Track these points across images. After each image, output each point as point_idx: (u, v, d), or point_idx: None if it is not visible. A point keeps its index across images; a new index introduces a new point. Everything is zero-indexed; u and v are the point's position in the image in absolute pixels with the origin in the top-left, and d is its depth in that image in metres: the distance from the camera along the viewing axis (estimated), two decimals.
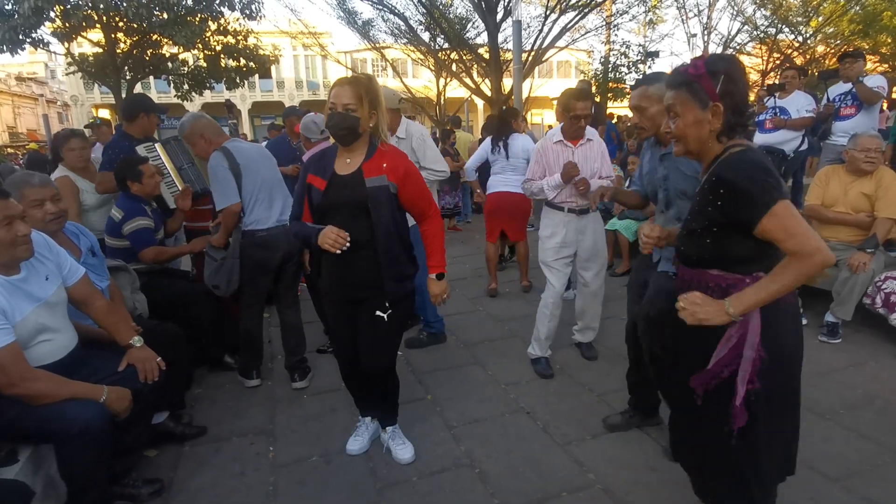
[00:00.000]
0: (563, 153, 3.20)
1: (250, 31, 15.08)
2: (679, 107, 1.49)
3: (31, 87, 38.08)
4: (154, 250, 3.07)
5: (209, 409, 2.98)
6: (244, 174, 2.93)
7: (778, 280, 1.38)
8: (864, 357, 3.32)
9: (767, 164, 1.40)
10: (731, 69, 1.43)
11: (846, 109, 5.11)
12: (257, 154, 3.11)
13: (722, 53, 1.56)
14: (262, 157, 3.13)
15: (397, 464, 2.44)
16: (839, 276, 3.52)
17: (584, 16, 13.42)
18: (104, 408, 1.91)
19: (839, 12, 16.11)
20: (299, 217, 2.26)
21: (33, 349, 1.92)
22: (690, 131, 1.48)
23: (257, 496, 2.28)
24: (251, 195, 2.96)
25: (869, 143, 3.51)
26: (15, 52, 11.93)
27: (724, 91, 1.42)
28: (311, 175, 2.19)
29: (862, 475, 2.23)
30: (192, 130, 3.06)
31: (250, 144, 3.21)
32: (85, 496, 1.93)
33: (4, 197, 1.82)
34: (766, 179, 1.36)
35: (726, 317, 1.42)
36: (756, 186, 1.36)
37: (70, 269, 2.13)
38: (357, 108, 2.05)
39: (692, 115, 1.46)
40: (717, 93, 1.42)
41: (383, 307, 2.23)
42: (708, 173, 1.48)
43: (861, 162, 3.51)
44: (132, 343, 2.19)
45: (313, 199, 2.18)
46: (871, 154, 3.49)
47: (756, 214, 1.35)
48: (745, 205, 1.37)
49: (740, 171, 1.39)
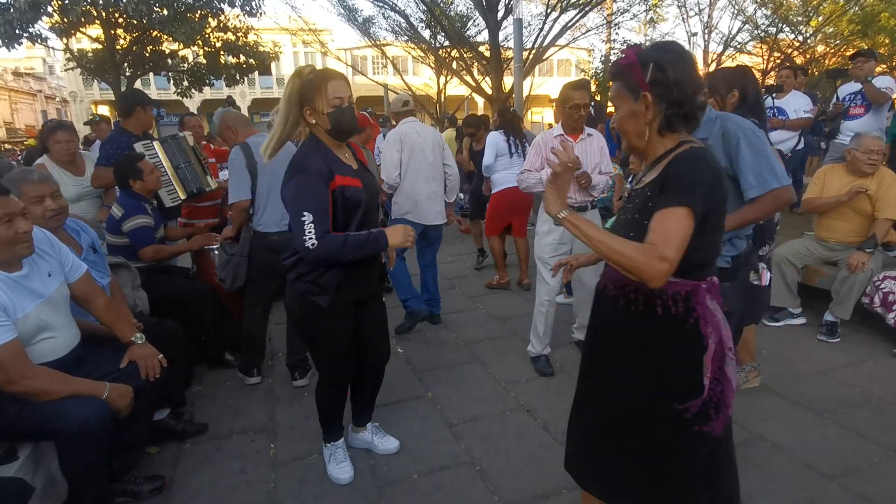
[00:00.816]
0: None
1: (250, 28, 15.06)
2: (616, 99, 1.42)
3: (29, 83, 37.95)
4: (153, 249, 3.07)
5: (209, 407, 2.99)
6: (260, 173, 2.93)
7: (617, 244, 1.29)
8: (862, 356, 3.33)
9: (712, 170, 1.31)
10: (662, 57, 1.32)
11: (855, 109, 5.12)
12: (280, 153, 3.06)
13: (661, 42, 1.44)
14: (285, 155, 3.07)
15: (398, 461, 2.45)
16: (838, 276, 3.54)
17: (585, 14, 13.42)
18: (106, 405, 1.91)
19: (838, 12, 16.11)
20: (328, 231, 1.94)
21: (35, 346, 1.92)
22: (627, 124, 1.41)
23: (258, 494, 2.28)
24: (264, 195, 2.94)
25: (872, 145, 3.51)
26: (11, 46, 11.88)
27: (654, 80, 1.31)
28: (340, 177, 2.00)
29: (858, 473, 2.25)
30: (220, 124, 3.11)
31: None
32: (85, 493, 1.93)
33: (4, 194, 1.82)
34: (697, 181, 1.27)
35: (555, 210, 1.41)
36: (683, 179, 1.28)
37: (72, 265, 2.13)
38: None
39: (626, 106, 1.39)
40: (647, 82, 1.32)
41: (381, 293, 2.31)
42: (657, 172, 1.36)
43: (863, 164, 3.52)
44: (134, 340, 2.20)
45: (354, 200, 2.01)
46: (873, 156, 3.50)
47: (668, 203, 1.27)
48: (666, 189, 1.29)
49: (686, 162, 1.31)
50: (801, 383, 3.03)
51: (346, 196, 1.99)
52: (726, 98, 2.55)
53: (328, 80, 1.97)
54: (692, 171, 1.29)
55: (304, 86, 1.98)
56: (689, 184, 1.27)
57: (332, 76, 1.99)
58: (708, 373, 1.34)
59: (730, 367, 1.36)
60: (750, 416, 2.69)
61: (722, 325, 1.36)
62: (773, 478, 2.24)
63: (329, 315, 2.09)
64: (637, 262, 1.24)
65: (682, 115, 1.34)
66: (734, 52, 18.11)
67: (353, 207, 2.02)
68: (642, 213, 1.35)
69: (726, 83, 2.55)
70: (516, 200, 4.72)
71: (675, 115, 1.34)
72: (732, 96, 2.53)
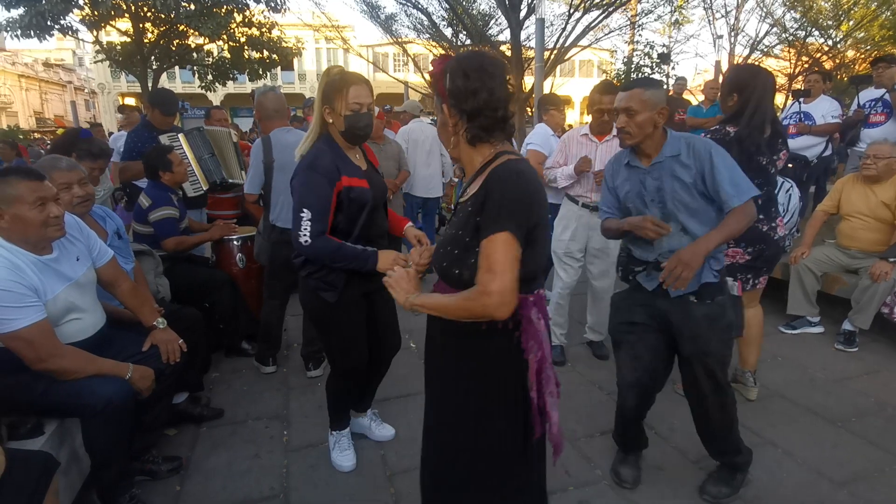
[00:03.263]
0: (587, 147, 3.24)
1: (274, 24, 15.24)
2: (434, 108, 1.40)
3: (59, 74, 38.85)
4: (175, 240, 3.16)
5: (226, 393, 3.07)
6: (276, 168, 2.99)
7: (453, 302, 1.29)
8: (879, 366, 3.30)
9: (528, 184, 1.27)
10: (460, 66, 1.28)
11: (876, 116, 5.01)
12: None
13: (471, 51, 1.41)
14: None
15: (407, 451, 2.49)
16: (859, 284, 3.49)
17: (609, 15, 13.31)
18: (129, 385, 1.99)
19: (870, 17, 15.77)
20: (324, 232, 2.01)
21: (63, 327, 1.99)
22: (441, 134, 1.40)
23: (271, 478, 2.35)
24: (281, 190, 2.99)
25: (874, 150, 3.54)
26: (42, 37, 12.20)
27: (450, 90, 1.29)
28: (347, 177, 2.04)
29: (868, 481, 2.24)
30: (256, 105, 3.17)
31: (297, 137, 3.03)
32: (107, 470, 2.01)
33: (39, 178, 1.90)
34: (512, 201, 1.23)
35: (404, 301, 1.40)
36: (497, 202, 1.23)
37: (100, 250, 2.21)
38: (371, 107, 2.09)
39: (439, 116, 1.37)
40: (447, 92, 1.30)
41: None
42: (477, 186, 1.31)
43: (862, 168, 3.59)
44: (156, 324, 2.27)
45: (360, 199, 2.06)
46: (868, 161, 3.54)
47: (486, 232, 1.22)
48: (484, 218, 1.24)
49: (498, 182, 1.25)
50: (815, 391, 3.00)
51: (351, 196, 2.04)
52: (726, 100, 2.51)
53: (351, 84, 2.01)
54: (504, 191, 1.24)
55: (329, 85, 2.03)
56: (504, 206, 1.22)
57: (354, 81, 2.03)
58: (533, 387, 1.34)
59: (548, 378, 1.35)
60: (762, 422, 2.68)
61: (544, 340, 1.34)
62: (782, 483, 2.24)
63: (339, 308, 2.14)
64: (473, 310, 1.24)
65: (481, 126, 1.30)
66: (761, 56, 17.83)
67: (359, 207, 2.07)
68: (465, 229, 1.31)
69: (729, 86, 2.49)
70: None
71: (474, 126, 1.30)
72: (731, 100, 2.48)
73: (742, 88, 2.45)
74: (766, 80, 2.47)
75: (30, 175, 1.88)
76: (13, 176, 1.86)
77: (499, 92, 1.28)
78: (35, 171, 1.93)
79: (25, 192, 1.84)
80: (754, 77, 2.46)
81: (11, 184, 1.83)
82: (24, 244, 1.89)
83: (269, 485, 2.30)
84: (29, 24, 11.65)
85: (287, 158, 2.97)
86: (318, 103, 2.07)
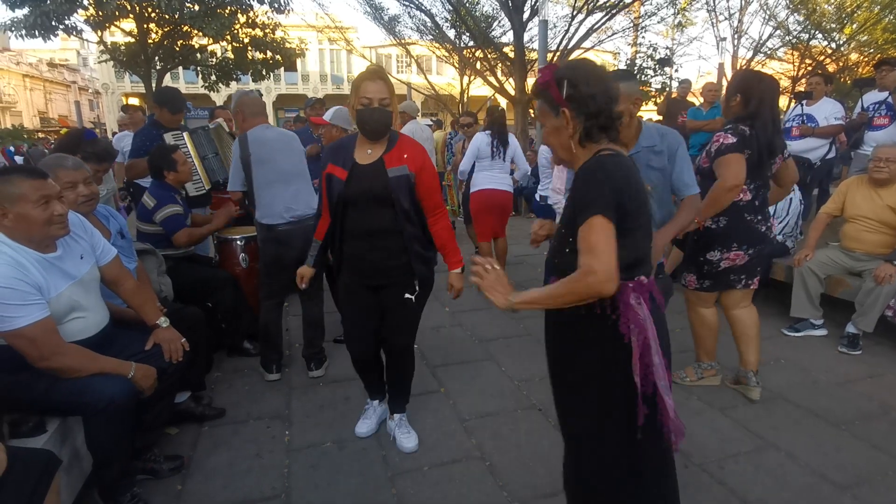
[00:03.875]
0: None
1: (278, 25, 15.24)
2: (540, 116, 1.49)
3: (63, 74, 38.97)
4: (186, 232, 3.18)
5: (228, 392, 3.07)
6: (255, 165, 2.99)
7: (557, 289, 1.35)
8: (883, 369, 3.28)
9: (614, 172, 1.35)
10: (572, 74, 1.39)
11: (879, 119, 5.00)
12: (281, 144, 3.08)
13: (572, 60, 1.54)
14: (285, 147, 3.10)
15: (408, 453, 2.49)
16: (863, 287, 3.48)
17: (612, 17, 13.30)
18: (131, 384, 1.99)
19: (873, 20, 15.73)
20: (321, 205, 2.31)
21: (66, 325, 2.00)
22: (552, 139, 1.48)
23: (272, 477, 2.34)
24: (261, 187, 3.00)
25: (882, 153, 3.54)
26: (47, 37, 12.20)
27: (569, 96, 1.39)
28: (332, 165, 2.20)
29: (871, 484, 2.23)
30: (235, 105, 3.18)
31: (277, 133, 3.17)
32: (109, 468, 2.01)
33: (43, 177, 1.90)
34: (599, 188, 1.32)
35: (505, 303, 1.42)
36: (586, 192, 1.33)
37: (103, 249, 2.21)
38: (390, 102, 2.10)
39: (550, 122, 1.47)
40: (564, 98, 1.40)
41: (411, 289, 2.32)
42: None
43: (871, 171, 3.57)
44: (159, 323, 2.27)
45: (334, 189, 2.19)
46: (880, 164, 3.52)
47: (581, 219, 1.32)
48: (577, 208, 1.35)
49: (585, 174, 1.37)
50: (818, 394, 2.99)
51: (330, 184, 2.22)
52: (730, 101, 2.60)
53: (363, 79, 2.10)
54: (588, 181, 1.35)
55: (353, 82, 2.15)
56: (592, 192, 1.32)
57: (367, 77, 2.11)
58: (637, 371, 1.36)
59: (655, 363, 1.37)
60: (765, 425, 2.67)
61: (647, 325, 1.37)
62: (785, 486, 2.23)
63: (343, 291, 2.41)
64: (578, 290, 1.30)
65: (599, 125, 1.40)
66: (764, 59, 17.80)
67: (331, 195, 2.21)
68: (563, 222, 1.44)
69: (735, 87, 2.62)
70: (495, 201, 4.76)
71: (594, 126, 1.40)
72: (734, 100, 2.58)
73: (746, 90, 2.55)
74: (772, 84, 2.59)
75: (33, 174, 1.89)
76: (16, 174, 1.86)
77: (611, 93, 1.40)
78: (38, 170, 1.93)
79: (29, 190, 1.84)
80: (759, 81, 2.58)
81: (15, 182, 1.84)
82: (28, 242, 1.89)
83: (270, 485, 2.30)
84: (34, 24, 11.67)
85: (265, 153, 2.99)
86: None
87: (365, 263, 2.28)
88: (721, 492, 2.20)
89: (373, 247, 2.23)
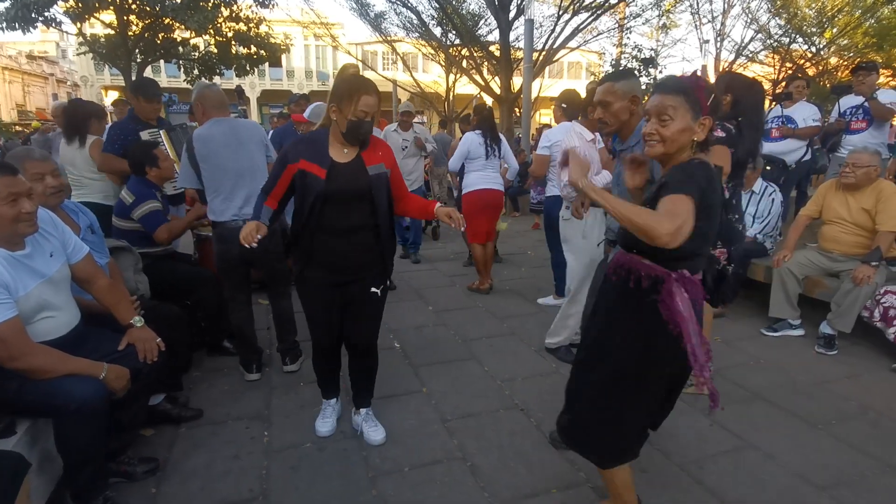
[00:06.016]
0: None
1: (262, 19, 15.05)
2: (673, 111, 1.55)
3: (42, 66, 38.11)
4: (166, 228, 3.13)
5: (207, 392, 3.01)
6: (201, 162, 2.94)
7: (630, 208, 1.47)
8: (861, 369, 3.33)
9: (707, 174, 1.51)
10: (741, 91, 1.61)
11: (857, 123, 5.08)
12: (229, 140, 2.95)
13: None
14: (234, 143, 2.96)
15: (390, 454, 2.47)
16: (841, 288, 3.52)
17: (597, 17, 13.39)
18: (103, 385, 1.93)
19: (854, 24, 16.02)
20: (269, 192, 2.26)
21: (36, 325, 1.94)
22: (678, 136, 1.56)
23: (250, 479, 2.30)
24: (208, 185, 2.98)
25: (852, 158, 3.61)
26: (27, 30, 11.93)
27: (712, 108, 1.54)
28: (306, 162, 2.18)
29: (850, 485, 2.25)
30: (195, 98, 3.12)
31: (227, 128, 2.98)
32: (81, 471, 1.96)
33: (12, 173, 1.84)
34: (695, 179, 1.47)
35: (580, 183, 1.62)
36: (684, 179, 1.48)
37: (74, 247, 2.15)
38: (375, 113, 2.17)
39: (684, 121, 1.55)
40: (708, 108, 1.52)
41: (379, 284, 2.39)
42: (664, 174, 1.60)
43: (841, 175, 3.66)
44: (133, 323, 2.21)
45: (311, 187, 2.17)
46: (846, 169, 3.60)
47: (670, 191, 1.46)
48: (670, 187, 1.48)
49: (685, 168, 1.53)
50: (797, 394, 3.02)
51: (305, 181, 2.18)
52: (721, 99, 2.69)
53: (363, 92, 2.11)
54: (685, 171, 1.52)
55: (342, 86, 2.13)
56: (685, 179, 1.48)
57: (367, 90, 2.12)
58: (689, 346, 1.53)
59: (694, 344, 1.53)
60: (744, 425, 2.69)
61: (686, 316, 1.51)
62: (764, 487, 2.24)
63: (306, 283, 2.37)
64: (648, 222, 1.40)
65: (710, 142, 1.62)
66: (746, 62, 18.03)
67: (307, 192, 2.18)
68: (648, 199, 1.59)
69: (724, 87, 2.69)
70: (489, 200, 4.75)
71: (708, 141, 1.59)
72: (725, 99, 2.67)
73: (736, 94, 2.64)
74: (761, 91, 2.75)
75: (2, 169, 1.83)
76: None
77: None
78: (8, 166, 1.87)
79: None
80: (750, 86, 2.70)
81: None
82: None
83: (248, 486, 2.26)
84: (14, 17, 11.39)
85: (207, 149, 2.93)
86: (328, 98, 2.19)
87: (339, 259, 2.29)
88: (700, 492, 2.21)
89: (349, 242, 2.27)
